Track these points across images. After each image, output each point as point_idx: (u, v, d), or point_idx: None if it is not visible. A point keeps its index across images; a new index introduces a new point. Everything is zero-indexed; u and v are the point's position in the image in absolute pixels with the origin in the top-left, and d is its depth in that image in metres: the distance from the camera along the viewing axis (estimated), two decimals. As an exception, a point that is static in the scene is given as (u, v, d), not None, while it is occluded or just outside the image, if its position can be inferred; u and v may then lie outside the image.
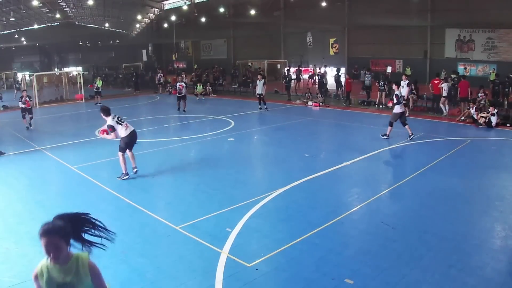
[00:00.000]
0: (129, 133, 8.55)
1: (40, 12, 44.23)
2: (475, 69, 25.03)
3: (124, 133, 8.51)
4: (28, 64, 55.82)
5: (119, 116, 8.64)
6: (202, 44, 47.06)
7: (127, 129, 8.54)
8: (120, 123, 8.54)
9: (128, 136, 8.53)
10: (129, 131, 8.56)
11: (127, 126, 8.57)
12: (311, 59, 33.80)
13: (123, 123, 8.58)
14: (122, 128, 8.51)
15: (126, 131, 8.52)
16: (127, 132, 8.53)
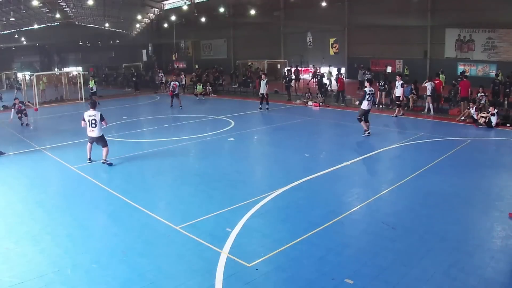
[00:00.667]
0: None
1: (40, 12, 44.20)
2: (475, 69, 25.01)
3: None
4: (28, 64, 55.80)
5: (93, 119, 9.66)
6: (202, 44, 47.05)
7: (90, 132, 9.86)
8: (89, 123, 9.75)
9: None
10: (89, 134, 9.90)
11: (90, 130, 9.79)
12: (311, 59, 33.77)
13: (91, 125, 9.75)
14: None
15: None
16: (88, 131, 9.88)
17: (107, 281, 4.81)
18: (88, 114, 9.74)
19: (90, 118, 9.70)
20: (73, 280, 4.83)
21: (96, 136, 9.82)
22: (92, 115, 9.70)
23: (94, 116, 9.69)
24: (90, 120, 9.69)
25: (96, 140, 9.90)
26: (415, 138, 11.85)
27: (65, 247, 5.70)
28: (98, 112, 9.75)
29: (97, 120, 9.68)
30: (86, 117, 9.73)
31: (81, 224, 6.52)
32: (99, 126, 9.74)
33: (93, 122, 9.70)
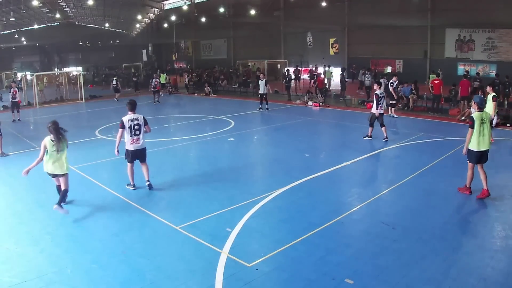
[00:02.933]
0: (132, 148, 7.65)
1: (40, 12, 44.23)
2: (475, 69, 25.01)
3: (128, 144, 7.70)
4: (28, 64, 55.85)
5: (136, 124, 7.63)
6: (202, 44, 47.05)
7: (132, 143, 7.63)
8: (132, 131, 7.59)
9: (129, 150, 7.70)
10: (132, 147, 7.63)
11: (134, 140, 7.61)
12: (311, 59, 33.79)
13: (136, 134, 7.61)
14: (127, 138, 7.64)
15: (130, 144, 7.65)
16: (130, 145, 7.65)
17: (107, 281, 4.81)
18: (128, 118, 7.53)
19: (133, 123, 7.53)
20: (73, 280, 4.83)
21: (141, 149, 7.70)
22: (134, 119, 7.58)
23: (138, 120, 7.60)
24: (133, 127, 7.52)
25: (139, 154, 7.71)
26: (415, 138, 11.84)
27: (65, 247, 5.70)
28: (141, 115, 7.71)
29: (142, 126, 7.62)
30: (127, 123, 7.50)
31: (81, 224, 6.51)
32: (143, 134, 7.70)
33: (136, 128, 7.55)
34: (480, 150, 7.01)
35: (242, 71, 33.21)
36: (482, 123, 6.98)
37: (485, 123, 7.00)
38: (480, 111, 7.13)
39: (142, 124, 7.62)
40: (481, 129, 6.96)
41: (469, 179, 7.29)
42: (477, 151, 7.02)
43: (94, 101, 24.79)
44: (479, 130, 6.96)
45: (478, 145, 7.01)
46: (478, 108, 7.15)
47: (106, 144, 12.43)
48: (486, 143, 7.04)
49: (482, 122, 6.99)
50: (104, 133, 13.91)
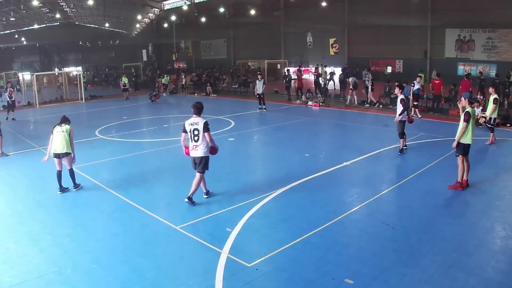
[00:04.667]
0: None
1: (40, 12, 44.23)
2: (475, 69, 24.99)
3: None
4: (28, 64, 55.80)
5: (195, 129, 6.92)
6: (202, 44, 47.05)
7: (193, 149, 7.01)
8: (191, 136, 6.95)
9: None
10: (191, 153, 7.08)
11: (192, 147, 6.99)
12: (311, 59, 33.78)
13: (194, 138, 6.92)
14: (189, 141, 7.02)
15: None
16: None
17: (107, 281, 4.81)
18: (189, 122, 6.94)
19: (192, 127, 6.88)
20: (73, 280, 4.83)
21: (198, 157, 6.95)
22: (194, 123, 6.89)
23: (197, 125, 6.86)
24: (192, 131, 6.88)
25: (196, 161, 7.01)
26: (415, 138, 11.84)
27: (65, 247, 5.69)
28: (202, 120, 6.92)
29: (200, 132, 6.81)
30: (188, 126, 6.93)
31: (81, 224, 6.52)
32: (203, 141, 6.87)
33: (195, 134, 6.85)
34: (470, 143, 7.52)
35: (243, 71, 33.19)
36: (473, 118, 7.50)
37: (474, 118, 7.58)
38: (471, 107, 7.59)
39: (200, 130, 6.79)
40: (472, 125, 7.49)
41: (461, 173, 7.59)
42: (469, 144, 7.51)
43: (94, 101, 24.78)
44: (472, 125, 7.47)
45: (471, 139, 7.50)
46: (469, 104, 7.61)
47: (106, 144, 12.44)
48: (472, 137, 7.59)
49: (473, 117, 7.51)
50: (104, 133, 13.91)
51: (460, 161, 7.55)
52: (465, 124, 7.35)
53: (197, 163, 7.02)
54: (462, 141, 7.46)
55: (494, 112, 11.39)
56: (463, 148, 7.46)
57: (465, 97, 7.76)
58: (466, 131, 7.39)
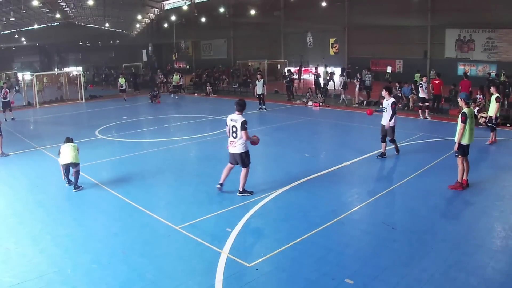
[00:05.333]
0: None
1: (40, 12, 44.24)
2: (475, 69, 25.02)
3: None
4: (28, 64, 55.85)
5: (233, 125, 7.18)
6: (202, 44, 47.06)
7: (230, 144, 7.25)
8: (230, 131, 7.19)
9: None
10: (229, 149, 7.31)
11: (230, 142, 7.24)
12: (311, 59, 33.79)
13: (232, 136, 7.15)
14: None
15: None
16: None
17: (107, 281, 4.81)
18: (230, 118, 7.22)
19: (231, 123, 7.13)
20: (73, 280, 4.83)
21: (237, 153, 7.15)
22: (233, 120, 7.12)
23: (235, 122, 7.07)
24: (231, 127, 7.12)
25: (237, 158, 7.24)
26: (415, 138, 11.84)
27: (65, 247, 5.69)
28: (241, 117, 7.12)
29: (238, 129, 7.01)
30: (228, 121, 7.25)
31: (81, 224, 6.52)
32: (240, 138, 7.06)
33: (234, 130, 7.06)
34: (469, 144, 7.50)
35: (243, 71, 33.21)
36: (471, 118, 7.44)
37: (472, 118, 7.49)
38: (467, 107, 7.54)
39: (238, 127, 6.98)
40: (471, 124, 7.44)
41: (460, 173, 7.58)
42: (468, 144, 7.49)
43: (94, 101, 24.78)
44: (470, 125, 7.41)
45: (469, 139, 7.47)
46: (465, 104, 7.60)
47: (106, 144, 12.44)
48: (473, 137, 7.58)
49: (471, 117, 7.45)
50: (104, 133, 13.91)
51: (459, 161, 7.55)
52: (463, 125, 7.33)
53: (237, 160, 7.25)
54: (461, 142, 7.45)
55: (497, 111, 11.32)
56: (463, 148, 7.46)
57: (461, 97, 7.79)
58: (464, 132, 7.37)
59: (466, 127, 7.36)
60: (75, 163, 8.08)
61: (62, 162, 8.11)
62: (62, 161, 8.11)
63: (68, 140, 8.36)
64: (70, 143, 8.29)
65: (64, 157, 8.06)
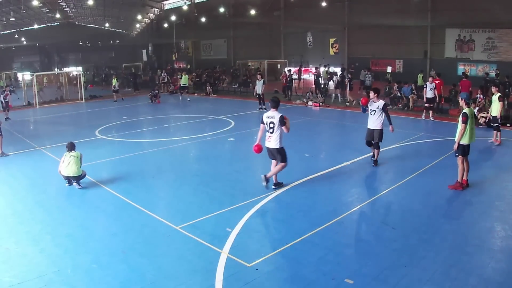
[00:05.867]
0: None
1: (40, 12, 44.22)
2: (475, 69, 25.01)
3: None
4: (28, 64, 55.77)
5: (271, 122, 7.57)
6: (202, 44, 47.04)
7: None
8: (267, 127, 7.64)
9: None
10: (266, 144, 7.69)
11: (267, 138, 7.65)
12: (311, 59, 33.78)
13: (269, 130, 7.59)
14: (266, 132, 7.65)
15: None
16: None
17: (107, 281, 4.81)
18: (267, 115, 7.65)
19: (268, 120, 7.56)
20: (73, 280, 4.83)
21: (273, 148, 7.55)
22: (271, 116, 7.56)
23: (273, 118, 7.51)
24: (268, 123, 7.56)
25: (273, 153, 7.65)
26: (415, 138, 11.84)
27: (65, 247, 5.69)
28: (278, 114, 7.56)
29: (276, 124, 7.45)
30: (265, 118, 7.65)
31: (81, 224, 6.52)
32: (277, 134, 7.49)
33: (271, 126, 7.52)
34: (469, 144, 7.50)
35: (244, 71, 33.20)
36: (471, 118, 7.42)
37: (472, 118, 7.47)
38: (468, 107, 7.52)
39: (276, 123, 7.43)
40: (471, 124, 7.42)
41: (461, 173, 7.59)
42: (468, 144, 7.48)
43: (94, 101, 24.77)
44: (470, 124, 7.40)
45: (470, 139, 7.45)
46: (465, 104, 7.58)
47: (106, 144, 12.44)
48: (474, 137, 7.56)
49: (471, 117, 7.43)
50: (104, 133, 13.91)
51: (459, 161, 7.55)
52: (463, 126, 7.31)
53: (274, 155, 7.63)
54: (461, 142, 7.45)
55: (497, 110, 11.19)
56: (463, 148, 7.46)
57: (462, 97, 7.78)
58: (465, 132, 7.36)
59: (467, 127, 7.35)
60: (77, 176, 8.10)
61: (63, 173, 8.13)
62: (63, 172, 8.13)
63: (71, 148, 8.31)
64: (73, 152, 8.25)
65: (65, 169, 8.07)
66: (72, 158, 8.13)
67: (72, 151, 8.27)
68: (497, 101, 11.31)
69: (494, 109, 11.42)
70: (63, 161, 8.18)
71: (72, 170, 8.06)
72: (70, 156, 8.15)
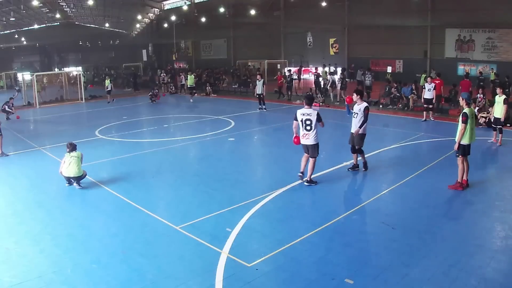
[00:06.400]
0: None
1: (40, 12, 44.22)
2: (475, 69, 25.00)
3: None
4: (28, 64, 55.75)
5: (307, 119, 7.68)
6: (202, 44, 47.04)
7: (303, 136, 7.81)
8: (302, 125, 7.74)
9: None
10: (302, 141, 7.84)
11: (304, 135, 7.78)
12: (311, 59, 33.78)
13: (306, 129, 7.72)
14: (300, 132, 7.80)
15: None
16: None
17: (107, 281, 4.81)
18: (301, 112, 7.74)
19: (304, 117, 7.69)
20: (73, 280, 4.83)
21: (310, 144, 7.76)
22: (306, 113, 7.69)
23: (309, 115, 7.67)
24: (304, 121, 7.68)
25: (309, 148, 7.82)
26: (415, 138, 11.84)
27: (65, 247, 5.69)
28: (314, 111, 7.73)
29: (313, 122, 7.64)
30: (299, 116, 7.74)
31: (81, 224, 6.52)
32: (315, 131, 7.70)
33: (307, 123, 7.67)
34: (470, 143, 7.48)
35: (244, 71, 33.20)
36: (471, 117, 7.41)
37: (473, 118, 7.47)
38: (468, 107, 7.50)
39: (313, 120, 7.61)
40: (471, 124, 7.41)
41: (461, 173, 7.58)
42: (469, 144, 7.47)
43: (94, 101, 24.77)
44: (471, 124, 7.39)
45: (470, 139, 7.44)
46: (466, 104, 7.56)
47: (106, 144, 12.44)
48: (474, 137, 7.54)
49: (471, 117, 7.42)
50: (104, 133, 13.91)
51: (460, 161, 7.55)
52: (463, 126, 7.30)
53: (309, 149, 7.79)
54: (461, 141, 7.45)
55: (501, 113, 11.01)
56: (463, 148, 7.46)
57: (462, 97, 7.78)
58: (465, 132, 7.36)
59: (467, 127, 7.34)
60: (78, 176, 8.12)
61: (64, 174, 8.14)
62: (64, 173, 8.13)
63: (72, 148, 8.31)
64: (74, 152, 8.24)
65: (66, 170, 8.08)
66: (73, 158, 8.13)
67: (73, 152, 8.26)
68: (501, 103, 11.12)
69: (497, 110, 11.25)
70: (64, 162, 8.17)
71: (73, 170, 8.07)
72: (71, 156, 8.14)
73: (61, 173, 8.19)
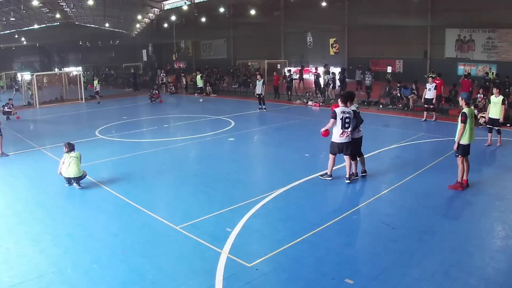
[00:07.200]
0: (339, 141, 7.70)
1: (40, 12, 44.23)
2: (475, 69, 25.01)
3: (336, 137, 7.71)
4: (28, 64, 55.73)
5: (347, 117, 7.53)
6: (202, 44, 47.06)
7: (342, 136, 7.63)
8: (343, 123, 7.53)
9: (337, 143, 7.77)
10: (340, 139, 7.67)
11: (343, 133, 7.59)
12: (311, 59, 33.79)
13: (345, 127, 7.55)
14: (337, 130, 7.63)
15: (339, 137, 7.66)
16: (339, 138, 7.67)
17: (107, 281, 4.81)
18: (341, 110, 7.50)
19: (344, 116, 7.46)
20: (73, 280, 4.83)
21: (347, 142, 7.63)
22: (346, 112, 7.49)
23: (349, 114, 7.50)
24: (344, 119, 7.44)
25: (345, 146, 7.66)
26: (415, 138, 11.84)
27: (65, 247, 5.69)
28: (352, 110, 7.63)
29: (352, 119, 7.53)
30: (339, 114, 7.45)
31: (81, 224, 6.51)
32: (352, 128, 7.60)
33: (347, 122, 7.47)
34: (469, 143, 7.49)
35: (243, 71, 33.20)
36: (471, 117, 7.42)
37: (472, 118, 7.48)
38: (468, 107, 7.52)
39: (352, 118, 7.54)
40: (471, 124, 7.42)
41: (461, 173, 7.58)
42: (468, 144, 7.48)
43: (94, 101, 24.77)
44: (470, 124, 7.41)
45: (469, 139, 7.46)
46: (465, 104, 7.58)
47: (106, 144, 12.44)
48: (474, 136, 7.57)
49: (471, 117, 7.43)
50: (104, 133, 13.91)
51: (459, 161, 7.55)
52: (462, 125, 7.31)
53: (345, 147, 7.68)
54: (461, 141, 7.45)
55: (499, 113, 10.96)
56: (463, 148, 7.46)
57: (462, 97, 7.79)
58: (464, 132, 7.36)
59: (466, 127, 7.35)
60: (78, 177, 8.12)
61: (64, 174, 8.13)
62: (64, 173, 8.12)
63: (70, 148, 8.29)
64: (72, 153, 8.22)
65: (66, 171, 8.07)
66: (73, 159, 8.11)
67: (72, 152, 8.24)
68: (499, 104, 11.08)
69: (493, 111, 11.17)
70: (63, 163, 8.15)
71: (73, 171, 8.07)
72: (70, 157, 8.13)
73: (60, 173, 8.18)
